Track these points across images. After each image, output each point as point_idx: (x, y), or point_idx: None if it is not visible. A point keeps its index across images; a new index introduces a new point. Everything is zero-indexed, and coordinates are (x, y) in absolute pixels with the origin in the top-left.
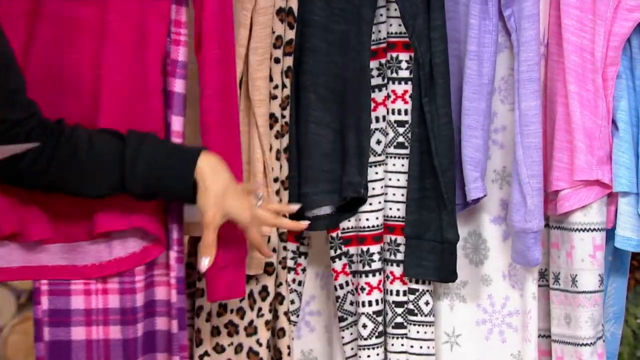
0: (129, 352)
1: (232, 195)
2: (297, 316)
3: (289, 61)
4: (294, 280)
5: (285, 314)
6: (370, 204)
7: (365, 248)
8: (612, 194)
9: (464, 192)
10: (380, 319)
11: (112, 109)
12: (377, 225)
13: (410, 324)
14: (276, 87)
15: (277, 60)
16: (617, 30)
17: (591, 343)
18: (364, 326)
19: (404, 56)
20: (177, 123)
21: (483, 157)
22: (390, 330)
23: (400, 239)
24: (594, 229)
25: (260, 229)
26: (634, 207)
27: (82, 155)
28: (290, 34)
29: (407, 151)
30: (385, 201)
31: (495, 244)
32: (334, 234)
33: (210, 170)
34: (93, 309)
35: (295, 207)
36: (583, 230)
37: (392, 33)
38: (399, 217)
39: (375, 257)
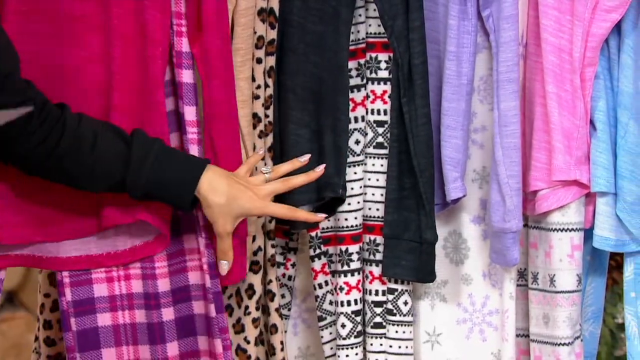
0: (155, 336)
1: (236, 197)
2: (289, 310)
3: (271, 61)
4: (283, 275)
5: (277, 310)
6: (349, 203)
7: (344, 248)
8: (590, 194)
9: (444, 192)
10: (359, 318)
11: (124, 105)
12: (356, 225)
13: (389, 323)
14: (259, 87)
15: (259, 61)
16: (595, 31)
17: (569, 343)
18: (343, 326)
19: (382, 56)
20: (190, 113)
21: (462, 157)
22: (369, 330)
23: (380, 239)
24: (572, 229)
25: (278, 204)
26: (611, 207)
27: (85, 151)
28: (272, 34)
29: (386, 151)
30: (365, 201)
31: (475, 244)
32: (313, 234)
33: (210, 187)
34: (117, 294)
35: (305, 158)
36: (561, 230)
37: (370, 33)
38: (378, 217)
39: (354, 257)
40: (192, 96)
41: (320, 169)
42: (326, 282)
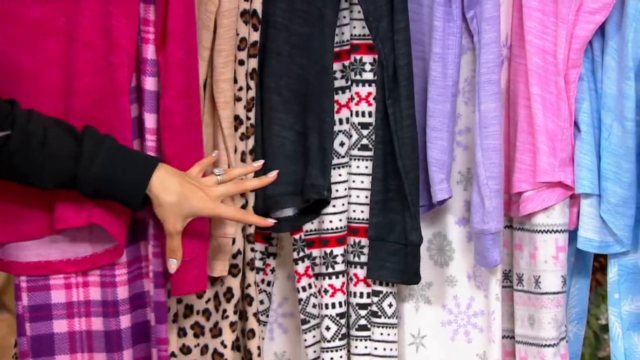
0: (112, 343)
1: (187, 197)
2: (267, 316)
3: (253, 63)
4: (262, 281)
5: (255, 315)
6: (334, 206)
7: (328, 250)
8: (574, 195)
9: (429, 194)
10: (343, 321)
11: (84, 110)
12: (341, 227)
13: (374, 326)
14: (241, 89)
15: (241, 62)
16: (579, 32)
17: (554, 344)
18: (327, 328)
19: (367, 58)
20: (150, 120)
21: (448, 158)
22: (353, 332)
23: (364, 241)
24: (557, 231)
25: (232, 203)
26: (596, 208)
27: (35, 147)
28: (255, 36)
29: (371, 153)
30: (349, 203)
31: (460, 245)
32: (296, 236)
33: (161, 186)
34: (74, 301)
35: (259, 163)
36: (546, 232)
37: (355, 35)
38: (363, 219)
39: (339, 259)
40: (153, 104)
41: (273, 175)
42: (310, 285)
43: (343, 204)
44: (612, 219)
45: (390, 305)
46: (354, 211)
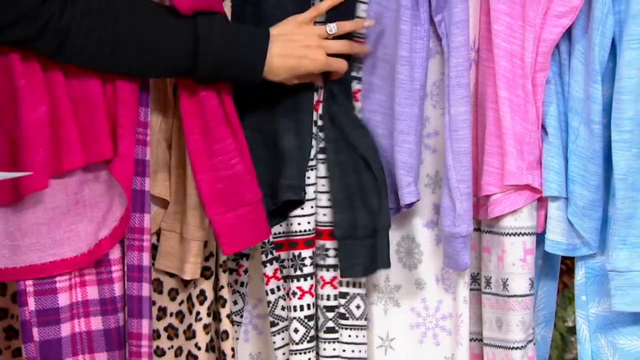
0: (112, 342)
1: (300, 63)
2: (241, 317)
3: None
4: (236, 282)
5: (228, 316)
6: (302, 208)
7: (297, 252)
8: (542, 198)
9: (397, 197)
10: (312, 323)
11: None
12: (309, 230)
13: (342, 328)
14: None
15: None
16: (546, 36)
17: (522, 346)
18: (296, 331)
19: None
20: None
21: (416, 162)
22: (322, 335)
23: (329, 244)
24: (525, 233)
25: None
26: (563, 211)
27: (147, 29)
28: None
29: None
30: (318, 207)
31: (429, 248)
32: (265, 239)
33: (276, 56)
34: (74, 303)
35: (369, 22)
36: (514, 235)
37: None
38: (325, 222)
39: (307, 261)
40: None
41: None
42: (278, 288)
43: (312, 207)
44: (579, 221)
45: (358, 307)
46: (324, 215)
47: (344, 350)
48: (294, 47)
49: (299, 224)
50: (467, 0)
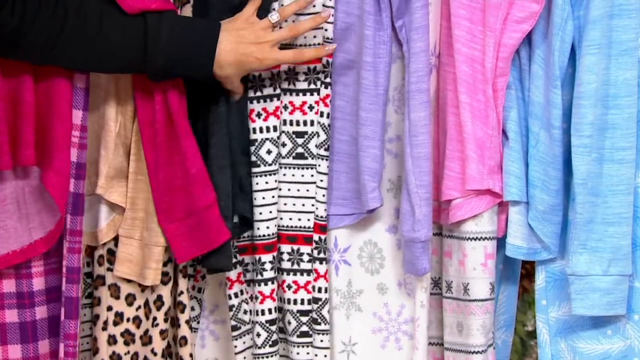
0: (27, 335)
1: (245, 58)
2: (198, 322)
3: None
4: (193, 287)
5: (187, 322)
6: (261, 213)
7: (257, 257)
8: (502, 203)
9: (360, 202)
10: (273, 327)
11: None
12: (269, 235)
13: (315, 332)
14: None
15: None
16: (506, 41)
17: (482, 351)
18: (258, 335)
19: (301, 68)
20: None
21: (380, 167)
22: (294, 339)
23: (303, 249)
24: (486, 238)
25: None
26: (524, 215)
27: (96, 27)
28: None
29: (307, 162)
30: (285, 211)
31: (391, 253)
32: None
33: (224, 50)
34: None
35: (328, 12)
36: (475, 239)
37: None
38: (299, 226)
39: (267, 266)
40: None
41: (326, 13)
42: (241, 291)
43: (271, 212)
44: (539, 226)
45: (328, 312)
46: (290, 219)
47: (316, 355)
48: (243, 44)
49: (258, 228)
50: (427, 6)
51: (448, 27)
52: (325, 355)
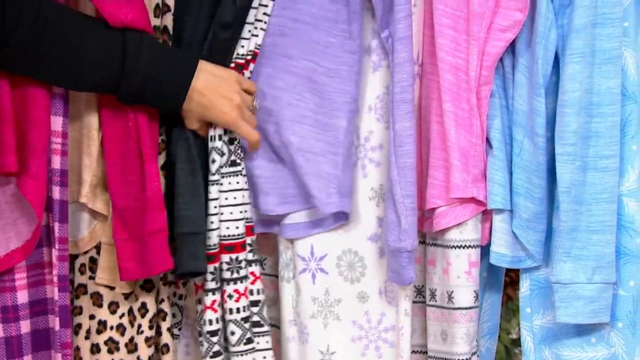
0: (12, 350)
1: (215, 104)
2: (180, 329)
3: None
4: (174, 294)
5: (169, 330)
6: (212, 222)
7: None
8: (486, 211)
9: (306, 198)
10: (214, 339)
11: None
12: (212, 245)
13: (258, 335)
14: None
15: None
16: (490, 50)
17: (466, 359)
18: (202, 345)
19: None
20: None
21: (342, 174)
22: (241, 347)
23: (241, 256)
24: (470, 246)
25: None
26: (508, 224)
27: (76, 39)
28: None
29: (239, 168)
30: (222, 220)
31: (372, 261)
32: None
33: (198, 87)
34: None
35: None
36: (459, 247)
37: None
38: (237, 235)
39: (209, 277)
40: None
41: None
42: (199, 300)
43: (212, 222)
44: (523, 234)
45: (266, 312)
46: (227, 228)
47: (264, 357)
48: (216, 91)
49: (209, 237)
50: (410, 17)
51: (431, 35)
52: (265, 357)
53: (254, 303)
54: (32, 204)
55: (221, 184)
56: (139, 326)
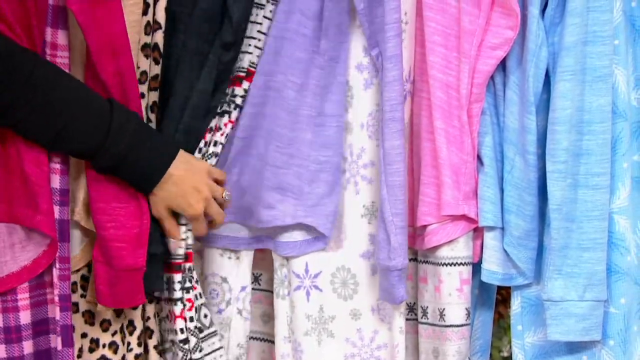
0: None
1: (185, 194)
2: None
3: (154, 96)
4: (161, 310)
5: (155, 347)
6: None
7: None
8: (478, 228)
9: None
10: (187, 346)
11: None
12: (179, 255)
13: (202, 340)
14: None
15: (142, 96)
16: (481, 67)
17: None
18: (176, 355)
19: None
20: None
21: (307, 186)
22: (197, 355)
23: (189, 265)
24: (461, 263)
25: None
26: (499, 241)
27: (61, 104)
28: (156, 70)
29: None
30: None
31: (365, 279)
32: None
33: (172, 176)
34: None
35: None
36: (450, 265)
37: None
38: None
39: (177, 286)
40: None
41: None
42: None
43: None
44: (515, 251)
45: (205, 316)
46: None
47: (221, 356)
48: (189, 181)
49: (180, 247)
50: (399, 36)
51: (422, 53)
52: (221, 356)
53: (195, 309)
54: (52, 237)
55: None
56: (128, 344)
